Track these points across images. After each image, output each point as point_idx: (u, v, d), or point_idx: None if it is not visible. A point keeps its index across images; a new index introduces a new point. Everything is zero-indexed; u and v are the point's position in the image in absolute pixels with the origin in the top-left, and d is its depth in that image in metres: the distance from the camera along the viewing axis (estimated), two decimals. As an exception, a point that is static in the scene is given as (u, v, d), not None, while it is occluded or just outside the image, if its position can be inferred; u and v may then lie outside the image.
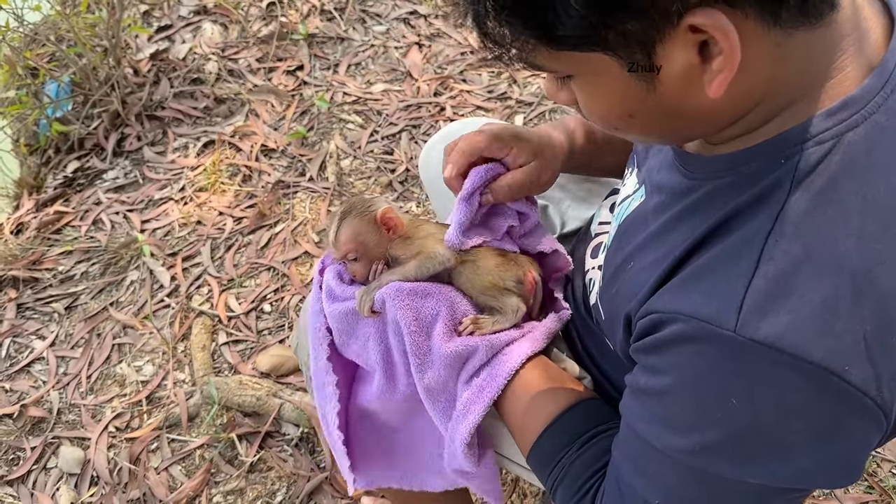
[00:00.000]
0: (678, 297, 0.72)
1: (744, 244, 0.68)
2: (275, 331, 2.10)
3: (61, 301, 2.22)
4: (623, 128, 0.74)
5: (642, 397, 0.79)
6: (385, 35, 2.88)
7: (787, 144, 0.68)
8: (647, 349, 0.77)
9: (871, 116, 0.66)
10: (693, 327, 0.69)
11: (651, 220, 0.85)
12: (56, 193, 2.50)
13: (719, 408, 0.69)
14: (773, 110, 0.69)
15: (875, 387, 0.65)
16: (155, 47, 2.84)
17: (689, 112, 0.69)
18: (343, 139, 2.55)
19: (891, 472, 1.75)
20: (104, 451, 1.90)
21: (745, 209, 0.70)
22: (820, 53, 0.66)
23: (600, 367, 1.13)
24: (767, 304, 0.64)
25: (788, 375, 0.64)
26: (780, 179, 0.67)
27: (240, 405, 1.91)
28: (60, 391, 2.04)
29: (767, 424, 0.68)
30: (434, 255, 1.08)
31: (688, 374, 0.71)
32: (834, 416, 0.66)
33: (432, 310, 1.05)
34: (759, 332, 0.64)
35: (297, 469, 1.82)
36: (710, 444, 0.71)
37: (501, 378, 1.02)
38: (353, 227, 1.09)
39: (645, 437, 0.78)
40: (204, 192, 2.44)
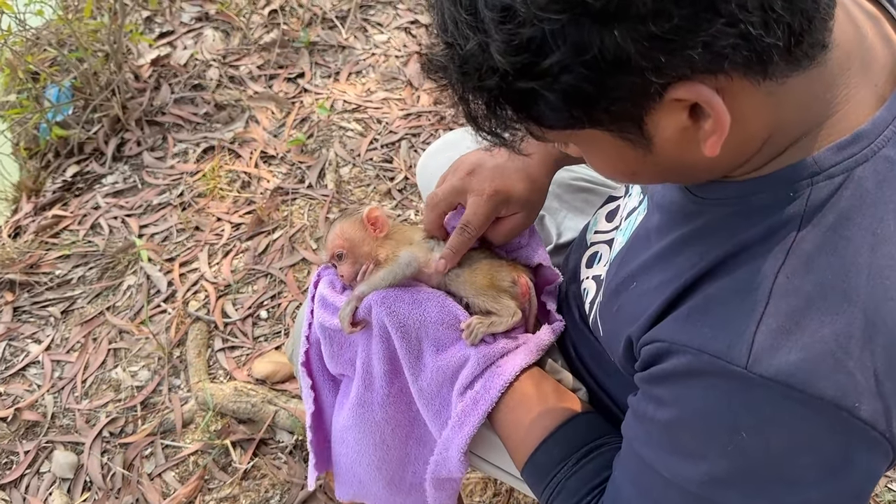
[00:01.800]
0: (686, 328, 0.72)
1: (754, 279, 0.68)
2: (271, 337, 2.09)
3: (58, 305, 2.22)
4: (630, 181, 0.76)
5: (647, 425, 0.79)
6: (386, 44, 2.89)
7: (796, 177, 0.67)
8: (653, 380, 0.76)
9: (881, 150, 0.66)
10: (703, 362, 0.69)
11: (654, 240, 0.85)
12: (55, 197, 2.50)
13: (729, 441, 0.69)
14: (779, 147, 0.69)
15: (884, 421, 0.65)
16: (156, 53, 2.85)
17: (692, 164, 0.69)
18: (343, 147, 2.55)
19: (887, 486, 1.74)
20: (98, 456, 1.89)
21: (756, 243, 0.69)
22: (820, 90, 0.66)
23: (595, 377, 1.12)
24: (779, 341, 0.65)
25: (799, 411, 0.64)
26: (791, 214, 0.67)
27: (234, 412, 1.90)
28: (55, 395, 2.03)
29: (777, 457, 0.68)
30: (398, 260, 1.09)
31: (697, 407, 0.71)
32: (843, 450, 0.66)
33: (419, 316, 1.06)
34: (770, 369, 0.64)
35: (291, 477, 1.82)
36: (719, 475, 0.71)
37: (495, 391, 1.02)
38: (341, 227, 1.13)
39: (650, 464, 0.78)
40: (203, 198, 2.44)
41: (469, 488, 1.79)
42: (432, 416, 1.10)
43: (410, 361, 1.07)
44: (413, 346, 1.07)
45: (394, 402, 1.12)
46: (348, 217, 1.13)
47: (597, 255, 1.07)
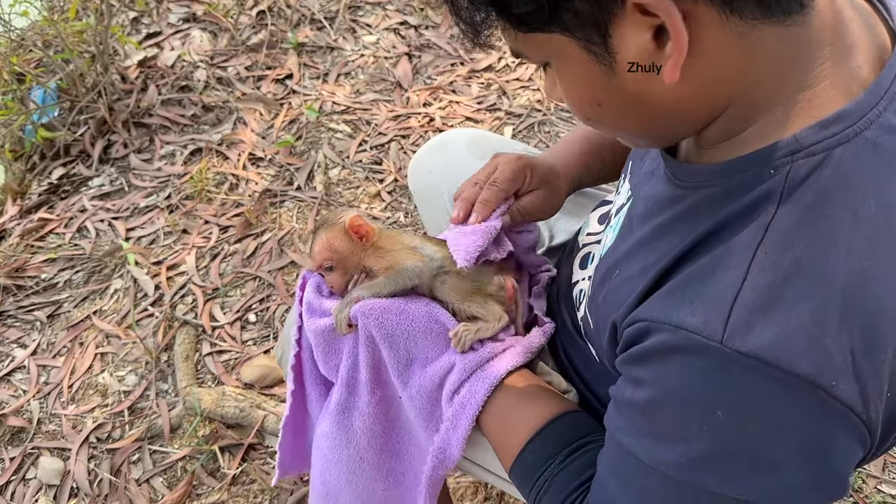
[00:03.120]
0: (664, 306, 0.72)
1: (732, 255, 0.67)
2: (260, 341, 2.08)
3: (44, 309, 2.20)
4: (596, 118, 0.75)
5: (627, 409, 0.78)
6: (375, 45, 2.88)
7: (777, 154, 0.67)
8: (632, 360, 0.76)
9: (863, 132, 0.66)
10: (680, 338, 0.68)
11: (636, 227, 0.85)
12: (41, 200, 2.47)
13: (706, 420, 0.68)
14: (751, 111, 0.69)
15: (861, 404, 0.64)
16: (143, 54, 2.82)
17: (656, 102, 0.69)
18: (332, 148, 2.54)
19: (876, 488, 1.74)
20: (84, 463, 1.87)
21: (735, 219, 0.69)
22: (797, 54, 0.66)
23: (585, 380, 1.12)
24: (755, 317, 0.64)
25: (775, 388, 0.64)
26: (770, 191, 0.67)
27: (223, 416, 1.89)
28: (41, 401, 2.01)
29: (753, 437, 0.67)
30: (404, 270, 1.07)
31: (674, 386, 0.70)
32: (820, 430, 0.65)
33: (408, 326, 1.05)
34: (746, 344, 0.63)
35: (280, 482, 1.80)
36: (697, 457, 0.70)
37: (481, 394, 1.02)
38: (324, 237, 1.09)
39: (631, 451, 0.77)
40: (190, 201, 2.42)
41: (460, 492, 1.79)
42: (423, 422, 1.09)
43: (399, 370, 1.06)
44: (402, 357, 1.06)
45: (373, 410, 1.12)
46: (332, 227, 1.10)
47: (590, 255, 1.07)
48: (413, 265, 1.07)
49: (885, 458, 1.79)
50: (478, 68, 2.77)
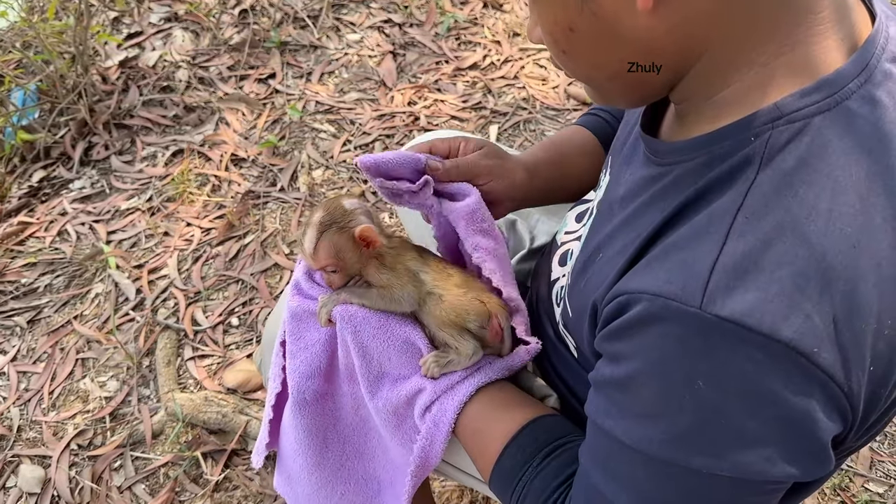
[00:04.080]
0: (644, 277, 0.70)
1: (712, 221, 0.66)
2: (242, 345, 2.06)
3: (24, 314, 2.17)
4: (570, 49, 0.74)
5: (607, 389, 0.76)
6: (359, 44, 2.85)
7: (758, 122, 0.67)
8: (611, 335, 0.74)
9: (845, 102, 0.66)
10: (658, 306, 0.66)
11: (617, 210, 0.84)
12: (20, 203, 2.44)
13: (686, 391, 0.66)
14: (727, 66, 0.69)
15: (843, 374, 0.63)
16: (124, 54, 2.79)
17: (629, 36, 0.68)
18: (315, 149, 2.52)
19: (863, 486, 1.74)
20: (66, 470, 1.85)
21: (714, 186, 0.68)
22: (777, 12, 0.65)
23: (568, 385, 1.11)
24: (735, 281, 0.62)
25: (755, 355, 0.62)
26: (750, 157, 0.66)
27: (205, 422, 1.87)
28: (21, 407, 1.98)
29: (735, 409, 0.65)
30: (397, 297, 1.05)
31: (653, 357, 0.69)
32: (802, 400, 0.63)
33: (382, 343, 1.04)
34: (725, 309, 0.62)
35: (263, 488, 1.78)
36: (679, 433, 0.68)
37: (452, 410, 1.01)
38: (332, 242, 1.05)
39: (613, 434, 0.75)
40: (172, 203, 2.39)
41: (445, 496, 1.77)
42: (390, 433, 1.08)
43: (369, 381, 1.06)
44: (373, 369, 1.06)
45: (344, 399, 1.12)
46: (341, 232, 1.06)
47: (569, 252, 1.06)
48: (407, 295, 1.05)
49: (871, 456, 1.79)
50: (463, 66, 2.75)
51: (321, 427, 1.13)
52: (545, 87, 2.67)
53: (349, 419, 1.14)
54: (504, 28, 2.87)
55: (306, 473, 1.14)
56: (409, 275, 1.06)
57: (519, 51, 2.80)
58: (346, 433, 1.15)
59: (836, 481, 1.74)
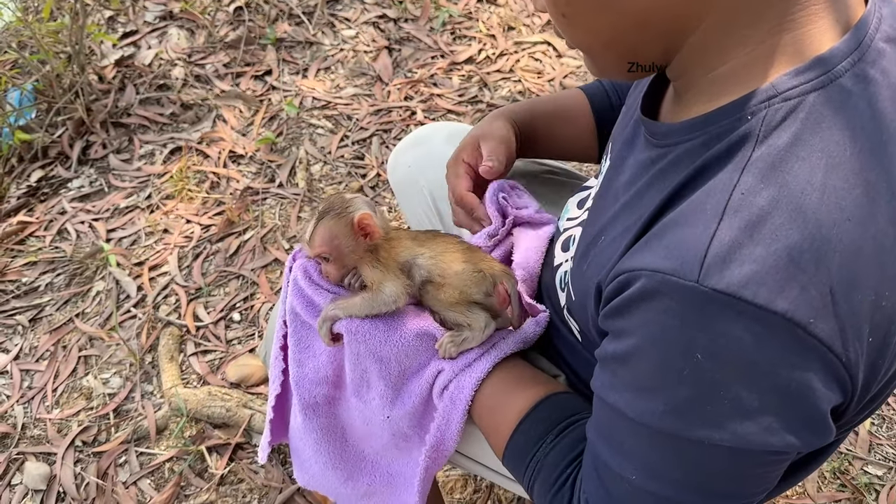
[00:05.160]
0: (644, 254, 0.71)
1: (708, 197, 0.67)
2: (244, 340, 2.07)
3: (25, 313, 2.17)
4: (569, 12, 0.75)
5: (612, 365, 0.77)
6: (354, 39, 2.86)
7: (755, 101, 0.68)
8: (613, 312, 0.75)
9: (838, 80, 0.67)
10: (656, 281, 0.68)
11: (621, 194, 0.85)
12: (19, 203, 2.45)
13: (685, 363, 0.67)
14: (726, 42, 0.70)
15: (840, 343, 0.64)
16: (120, 53, 2.80)
17: (626, 5, 0.70)
18: (313, 144, 2.52)
19: (862, 469, 1.76)
20: (70, 467, 1.86)
21: (712, 164, 0.70)
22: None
23: (572, 367, 1.12)
24: (731, 254, 0.64)
25: (753, 327, 0.63)
26: (747, 134, 0.68)
27: (209, 417, 1.88)
28: (25, 405, 1.99)
29: (734, 380, 0.66)
30: (381, 296, 1.04)
31: (653, 331, 0.70)
32: (800, 370, 0.65)
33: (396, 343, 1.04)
34: (721, 282, 0.63)
35: (268, 481, 1.80)
36: (679, 404, 0.70)
37: (469, 387, 1.02)
38: (328, 228, 1.05)
39: (617, 407, 0.76)
40: (171, 200, 2.40)
41: (449, 485, 1.79)
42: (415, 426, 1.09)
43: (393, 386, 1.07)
44: (393, 372, 1.06)
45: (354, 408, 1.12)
46: (338, 218, 1.05)
47: (571, 237, 1.07)
48: (389, 292, 1.04)
49: (870, 439, 1.81)
50: (458, 61, 2.76)
51: (338, 426, 1.14)
52: (541, 80, 2.68)
53: (359, 428, 1.14)
54: (499, 22, 2.88)
55: (330, 471, 1.15)
56: (399, 271, 1.06)
57: (514, 45, 2.81)
58: (360, 433, 1.15)
59: (835, 465, 1.76)
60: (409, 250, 1.08)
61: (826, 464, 1.77)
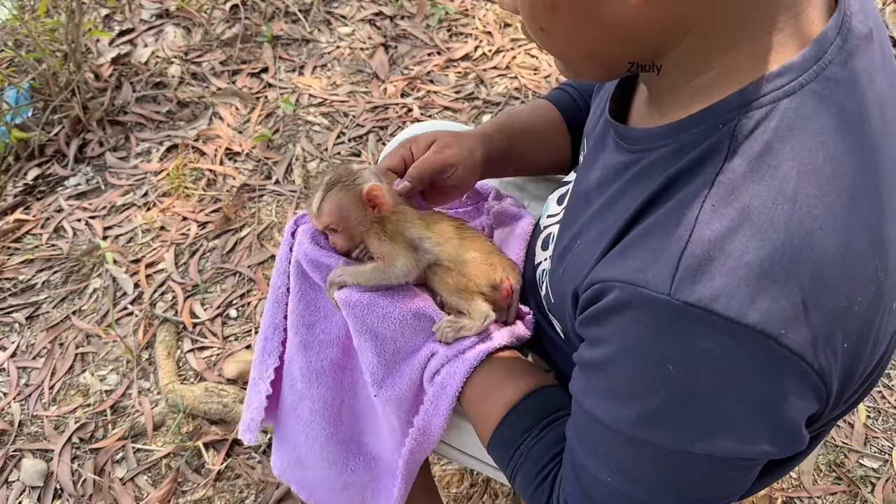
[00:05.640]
0: (617, 265, 0.72)
1: (680, 209, 0.67)
2: (241, 336, 2.07)
3: (22, 311, 2.18)
4: (548, 26, 0.72)
5: (587, 371, 0.78)
6: (351, 36, 2.86)
7: (726, 109, 0.67)
8: (589, 321, 0.76)
9: (809, 84, 0.66)
10: (629, 293, 0.68)
11: (594, 198, 0.85)
12: (16, 201, 2.45)
13: (657, 375, 0.68)
14: (704, 54, 0.69)
15: (812, 351, 0.64)
16: (116, 51, 2.80)
17: (610, 18, 0.68)
18: (309, 141, 2.53)
19: (858, 462, 1.76)
20: (68, 463, 1.86)
21: (684, 174, 0.69)
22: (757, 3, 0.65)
23: (558, 365, 1.13)
24: (702, 268, 0.64)
25: (724, 340, 0.63)
26: (718, 144, 0.67)
27: (206, 413, 1.88)
28: (22, 402, 1.99)
29: (706, 391, 0.67)
30: (391, 269, 1.04)
31: (627, 342, 0.70)
32: (771, 381, 0.65)
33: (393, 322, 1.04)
34: (692, 295, 0.63)
35: (265, 476, 1.80)
36: (652, 414, 0.70)
37: (461, 374, 1.02)
38: (337, 200, 1.05)
39: (593, 413, 0.77)
40: (167, 198, 2.40)
41: (446, 479, 1.79)
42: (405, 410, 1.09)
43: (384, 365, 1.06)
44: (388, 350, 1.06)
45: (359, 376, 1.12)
46: (347, 190, 1.05)
47: (550, 235, 1.07)
48: (401, 266, 1.05)
49: (866, 432, 1.81)
50: (455, 57, 2.76)
51: (337, 399, 1.13)
52: (537, 76, 2.68)
53: (363, 398, 1.14)
54: (495, 19, 2.89)
55: (319, 446, 1.14)
56: (408, 245, 1.06)
57: (510, 41, 2.81)
58: (358, 410, 1.15)
59: (830, 457, 1.76)
60: (417, 229, 1.08)
61: (822, 456, 1.77)
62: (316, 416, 1.13)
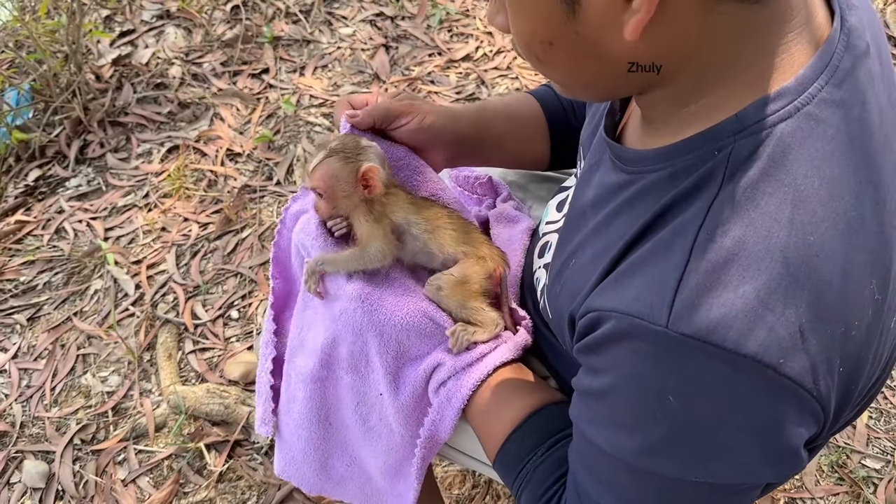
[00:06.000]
0: (613, 294, 0.71)
1: (675, 237, 0.67)
2: (242, 337, 2.07)
3: (24, 312, 2.18)
4: (545, 58, 0.72)
5: (587, 399, 0.78)
6: (351, 37, 2.86)
7: (721, 135, 0.66)
8: (586, 349, 0.76)
9: (805, 108, 0.65)
10: (627, 324, 0.68)
11: (590, 216, 0.84)
12: (17, 203, 2.45)
13: (658, 406, 0.68)
14: (702, 84, 0.68)
15: (811, 379, 0.64)
16: (117, 52, 2.80)
17: (608, 55, 0.67)
18: (310, 142, 2.52)
19: (860, 463, 1.76)
20: (69, 465, 1.86)
21: (679, 202, 0.69)
22: (753, 33, 0.65)
23: (555, 369, 1.12)
24: (699, 298, 0.63)
25: (723, 370, 0.63)
26: (714, 171, 0.66)
27: (207, 414, 1.88)
28: (23, 404, 1.99)
29: (706, 420, 0.67)
30: (367, 253, 1.04)
31: (626, 373, 0.70)
32: (771, 409, 0.65)
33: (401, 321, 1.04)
34: (691, 327, 0.63)
35: (267, 478, 1.80)
36: (655, 444, 0.70)
37: (468, 387, 1.02)
38: (332, 169, 1.04)
39: (594, 441, 0.77)
40: (168, 199, 2.40)
41: (448, 481, 1.79)
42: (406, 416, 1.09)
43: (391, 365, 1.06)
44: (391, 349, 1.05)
45: (346, 387, 1.10)
46: (344, 160, 1.04)
47: (547, 244, 1.07)
48: (376, 250, 1.04)
49: (868, 433, 1.81)
50: (455, 58, 2.76)
51: (323, 407, 1.13)
52: (538, 77, 2.68)
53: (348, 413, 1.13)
54: (496, 19, 2.88)
55: (312, 449, 1.14)
56: (391, 229, 1.06)
57: (511, 42, 2.81)
58: (346, 421, 1.15)
59: (832, 458, 1.76)
60: (405, 213, 1.07)
61: (824, 457, 1.77)
62: (303, 419, 1.13)
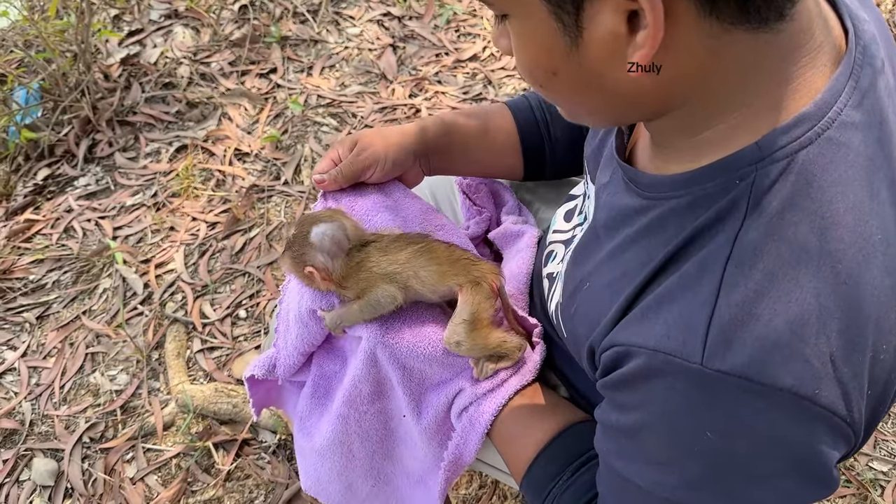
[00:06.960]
0: (640, 329, 0.71)
1: (703, 271, 0.66)
2: (251, 337, 2.08)
3: (33, 310, 2.19)
4: (548, 86, 0.71)
5: (616, 435, 0.78)
6: (359, 37, 2.86)
7: (742, 163, 0.66)
8: (613, 385, 0.75)
9: (825, 132, 0.64)
10: (660, 361, 0.67)
11: (604, 239, 0.83)
12: (26, 201, 2.46)
13: (695, 442, 0.68)
14: (709, 112, 0.68)
15: (844, 406, 0.64)
16: (125, 52, 2.80)
17: (612, 87, 0.67)
18: (318, 142, 2.53)
19: (867, 465, 1.76)
20: (78, 463, 1.87)
21: (703, 233, 0.68)
22: (763, 60, 0.64)
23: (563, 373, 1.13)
24: (732, 334, 0.63)
25: (759, 404, 0.63)
26: (736, 201, 0.66)
27: (216, 413, 1.89)
28: (33, 402, 2.00)
29: (744, 454, 0.67)
30: (373, 303, 1.03)
31: (659, 410, 0.70)
32: (808, 439, 0.65)
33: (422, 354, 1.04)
34: (725, 364, 0.63)
35: (274, 476, 1.80)
36: (691, 480, 0.71)
37: (490, 413, 1.03)
38: (287, 265, 1.06)
39: (626, 476, 0.77)
40: (177, 198, 2.41)
41: (454, 481, 1.79)
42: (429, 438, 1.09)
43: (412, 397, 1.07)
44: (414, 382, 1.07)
45: (370, 419, 1.12)
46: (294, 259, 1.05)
47: (552, 253, 1.07)
48: (382, 294, 1.02)
49: (875, 435, 1.81)
50: (462, 58, 2.76)
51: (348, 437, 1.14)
52: (545, 77, 2.68)
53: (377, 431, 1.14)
54: (503, 19, 2.89)
55: (336, 475, 1.16)
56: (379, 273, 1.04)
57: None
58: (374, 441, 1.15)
59: (840, 460, 1.76)
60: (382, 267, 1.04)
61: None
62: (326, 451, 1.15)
